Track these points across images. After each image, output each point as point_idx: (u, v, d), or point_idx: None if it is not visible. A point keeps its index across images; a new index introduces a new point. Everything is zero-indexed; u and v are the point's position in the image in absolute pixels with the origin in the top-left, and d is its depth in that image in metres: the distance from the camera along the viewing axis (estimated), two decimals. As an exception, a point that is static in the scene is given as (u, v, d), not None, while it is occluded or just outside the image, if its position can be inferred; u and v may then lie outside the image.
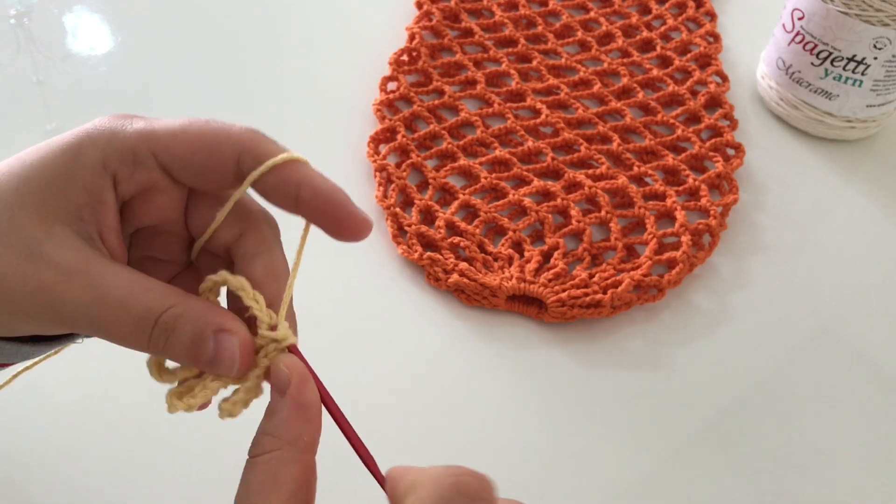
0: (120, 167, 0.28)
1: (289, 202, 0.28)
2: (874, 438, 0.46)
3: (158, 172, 0.28)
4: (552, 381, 0.47)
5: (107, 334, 0.27)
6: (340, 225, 0.28)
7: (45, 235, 0.27)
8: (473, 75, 0.63)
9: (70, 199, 0.27)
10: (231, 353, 0.27)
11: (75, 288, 0.26)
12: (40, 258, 0.26)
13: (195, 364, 0.27)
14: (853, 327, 0.52)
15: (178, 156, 0.28)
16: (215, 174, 0.28)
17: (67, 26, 0.67)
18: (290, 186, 0.28)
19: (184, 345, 0.27)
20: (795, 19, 0.60)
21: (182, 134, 0.28)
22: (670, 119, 0.61)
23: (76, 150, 0.28)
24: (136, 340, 0.27)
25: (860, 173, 0.62)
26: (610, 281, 0.50)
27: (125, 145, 0.28)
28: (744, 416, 0.47)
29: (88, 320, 0.26)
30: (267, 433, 0.27)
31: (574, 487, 0.43)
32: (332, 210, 0.28)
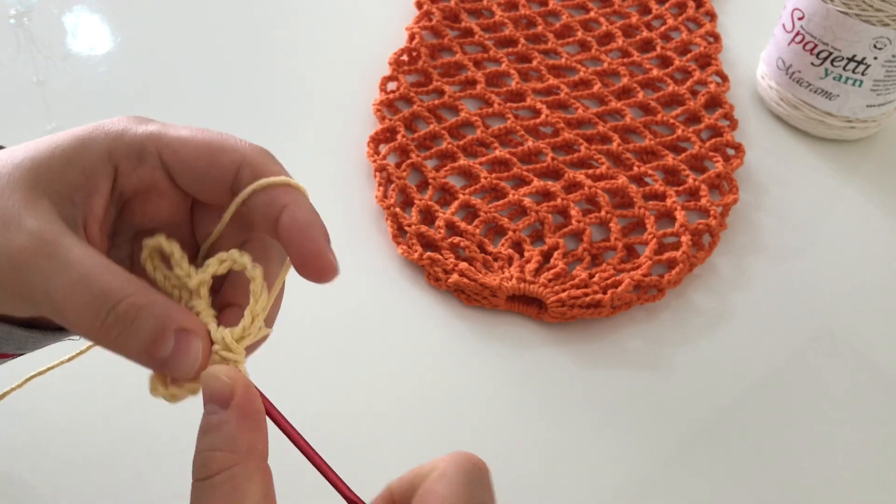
0: (124, 160, 0.28)
1: (267, 223, 0.28)
2: (874, 438, 0.46)
3: (161, 173, 0.28)
4: (552, 381, 0.47)
5: (60, 314, 0.26)
6: (306, 261, 0.27)
7: (29, 205, 0.26)
8: (473, 75, 0.63)
9: (66, 180, 0.27)
10: (194, 354, 0.26)
11: (40, 255, 0.25)
12: (17, 226, 0.26)
13: (145, 361, 0.26)
14: (853, 327, 0.52)
15: (181, 158, 0.28)
16: (213, 183, 0.28)
17: (67, 26, 0.67)
18: (274, 208, 0.27)
19: (141, 339, 0.25)
20: (795, 19, 0.60)
21: (190, 140, 0.28)
22: (670, 119, 0.61)
23: (85, 137, 0.28)
24: (89, 324, 0.25)
25: (860, 173, 0.62)
26: (610, 281, 0.50)
27: (133, 140, 0.28)
28: (744, 416, 0.47)
29: (45, 294, 0.25)
30: (217, 448, 0.25)
31: (574, 487, 0.43)
32: (303, 244, 0.27)
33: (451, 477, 0.26)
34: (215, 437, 0.25)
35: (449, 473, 0.26)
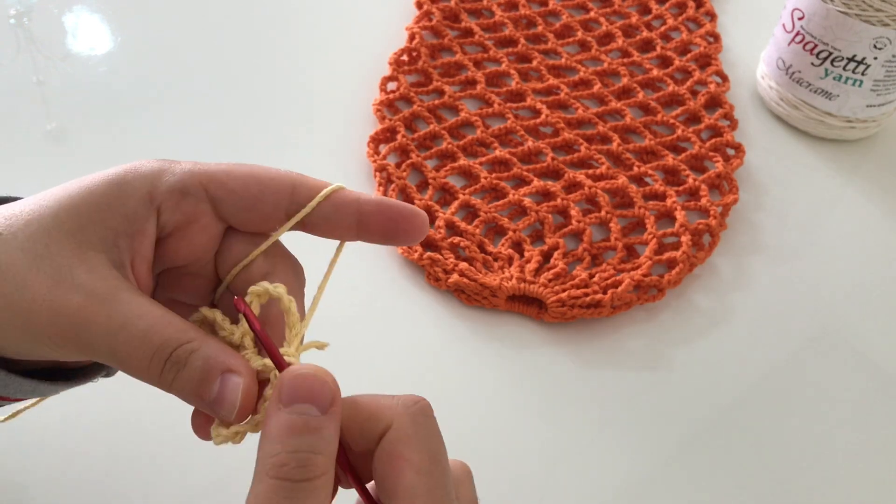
0: (167, 199, 0.29)
1: (348, 223, 0.29)
2: (874, 438, 0.46)
3: (205, 206, 0.29)
4: (552, 381, 0.47)
5: (123, 364, 0.27)
6: (407, 223, 0.29)
7: (77, 261, 0.27)
8: (473, 75, 0.63)
9: (109, 226, 0.28)
10: (233, 396, 0.27)
11: (100, 314, 0.26)
12: (70, 282, 0.27)
13: (198, 403, 0.27)
14: (853, 327, 0.52)
15: (232, 188, 0.29)
16: (268, 207, 0.29)
17: (67, 26, 0.67)
18: (349, 207, 0.29)
19: (191, 381, 0.27)
20: (795, 19, 0.60)
21: (234, 170, 0.29)
22: (670, 119, 0.61)
23: (121, 181, 0.28)
24: (150, 373, 0.27)
25: (860, 173, 0.62)
26: (610, 281, 0.50)
27: (174, 178, 0.29)
28: (744, 415, 0.47)
29: (108, 348, 0.27)
30: (319, 452, 0.25)
31: (574, 487, 0.43)
32: (397, 216, 0.29)
33: (414, 439, 0.27)
34: (315, 440, 0.25)
35: (411, 436, 0.27)
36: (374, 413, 0.27)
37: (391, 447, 0.27)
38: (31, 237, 0.27)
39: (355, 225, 0.29)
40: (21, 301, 0.26)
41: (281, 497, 0.24)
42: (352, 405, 0.27)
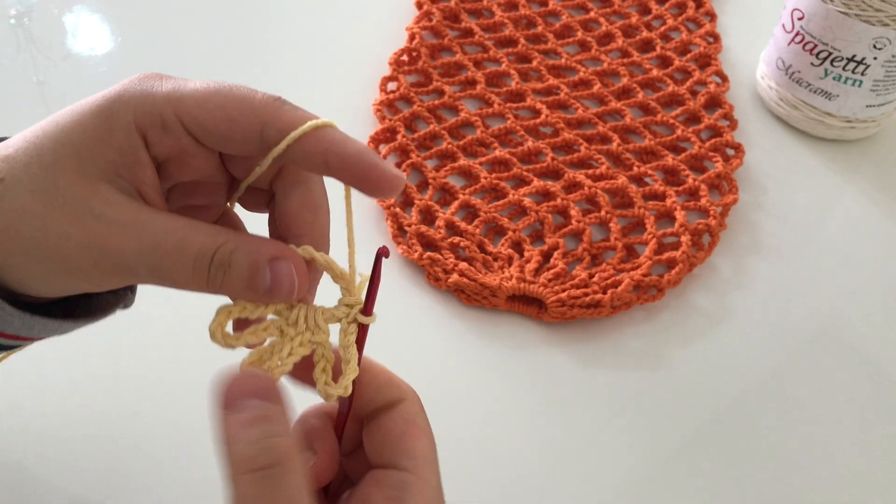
0: (150, 130, 0.28)
1: (319, 169, 0.29)
2: (874, 438, 0.46)
3: (187, 138, 0.29)
4: (552, 381, 0.47)
5: (166, 279, 0.27)
6: (375, 184, 0.28)
7: (89, 194, 0.27)
8: (473, 75, 0.63)
9: (106, 160, 0.28)
10: (289, 277, 0.27)
11: (129, 239, 0.27)
12: (89, 214, 0.27)
13: (254, 296, 0.28)
14: (853, 327, 0.52)
15: (202, 124, 0.28)
16: (239, 144, 0.29)
17: (67, 26, 0.67)
18: (316, 156, 0.28)
19: (241, 277, 0.27)
20: (795, 19, 0.60)
21: (207, 102, 0.28)
22: (670, 119, 0.61)
23: (108, 111, 0.28)
24: (197, 281, 0.27)
25: (860, 173, 0.62)
26: (610, 281, 0.50)
27: (154, 109, 0.28)
28: (744, 416, 0.47)
29: (147, 268, 0.27)
30: (278, 436, 0.26)
31: (574, 487, 0.43)
32: (361, 172, 0.28)
33: (424, 413, 0.30)
34: (271, 426, 0.26)
35: (423, 410, 0.30)
36: (392, 381, 0.30)
37: (409, 416, 0.30)
38: (36, 178, 0.27)
39: (324, 170, 0.29)
40: (46, 242, 0.27)
41: (260, 489, 0.25)
42: (371, 368, 0.30)
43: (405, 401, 0.30)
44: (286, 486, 0.25)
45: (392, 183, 0.28)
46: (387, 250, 0.30)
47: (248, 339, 0.29)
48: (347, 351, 0.29)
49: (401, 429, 0.29)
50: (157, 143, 0.29)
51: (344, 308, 0.30)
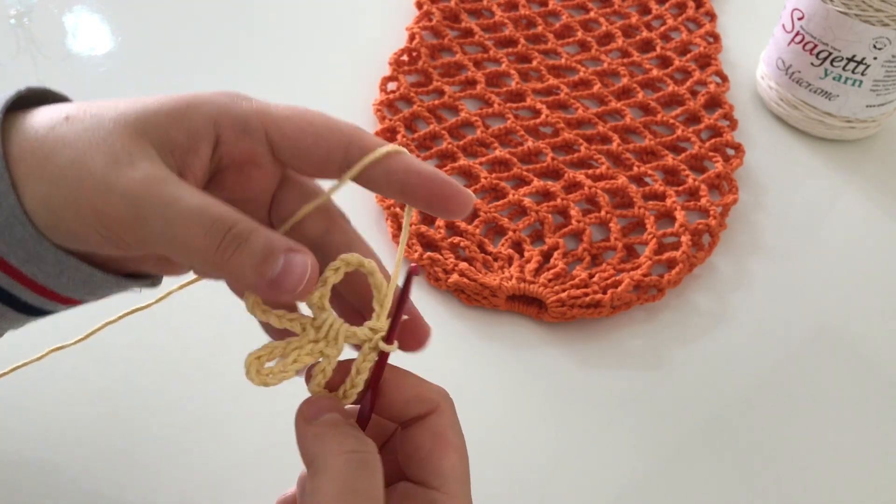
0: (228, 130, 0.29)
1: (394, 189, 0.30)
2: (874, 438, 0.46)
3: (264, 146, 0.29)
4: (552, 381, 0.47)
5: (177, 239, 0.27)
6: (449, 203, 0.29)
7: (136, 149, 0.27)
8: (473, 75, 0.63)
9: (169, 136, 0.28)
10: (301, 271, 0.27)
11: (156, 191, 0.27)
12: (128, 163, 0.27)
13: (257, 280, 0.27)
14: (853, 327, 0.52)
15: (288, 135, 0.29)
16: (321, 158, 0.30)
17: (67, 26, 0.67)
18: (397, 174, 0.29)
19: (253, 256, 0.27)
20: (795, 19, 0.60)
21: (295, 117, 0.30)
22: (670, 119, 0.61)
23: (191, 101, 0.29)
24: (205, 247, 0.27)
25: (860, 173, 0.62)
26: (610, 281, 0.50)
27: (239, 113, 0.29)
28: (744, 416, 0.47)
29: (162, 220, 0.26)
30: (363, 438, 0.28)
31: (574, 487, 0.43)
32: (439, 190, 0.29)
33: (457, 426, 0.30)
34: (352, 428, 0.29)
35: (455, 423, 0.30)
36: (420, 395, 0.30)
37: (438, 428, 0.30)
38: (97, 121, 0.28)
39: (400, 193, 0.30)
40: (74, 175, 0.27)
41: (356, 468, 0.27)
42: (399, 381, 0.30)
43: (436, 412, 0.30)
44: (376, 470, 0.27)
45: (466, 202, 0.30)
46: (417, 269, 0.30)
47: (272, 318, 0.29)
48: (358, 374, 0.30)
49: (430, 444, 0.29)
50: (229, 143, 0.29)
51: (368, 331, 0.30)
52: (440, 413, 0.30)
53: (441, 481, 0.29)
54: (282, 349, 0.29)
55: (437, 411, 0.30)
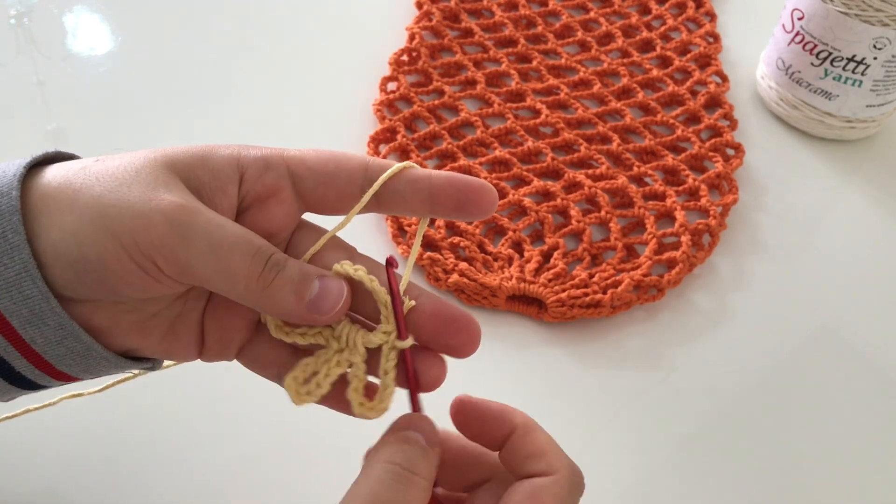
0: (251, 168, 0.30)
1: (422, 198, 0.30)
2: (874, 438, 0.46)
3: (286, 180, 0.31)
4: (552, 381, 0.47)
5: (221, 263, 0.28)
6: (480, 200, 0.30)
7: (170, 179, 0.28)
8: (473, 75, 0.63)
9: (196, 175, 0.29)
10: (338, 294, 0.29)
11: (198, 215, 0.28)
12: (165, 190, 0.28)
13: (296, 303, 0.28)
14: (853, 327, 0.52)
15: (310, 165, 0.31)
16: (345, 180, 0.31)
17: (67, 26, 0.67)
18: (421, 182, 0.30)
19: (291, 281, 0.28)
20: (795, 19, 0.60)
21: (312, 151, 0.31)
22: (670, 119, 0.61)
23: (209, 147, 0.30)
24: (250, 271, 0.28)
25: (860, 173, 0.62)
26: (610, 281, 0.50)
27: (258, 153, 0.31)
28: (744, 415, 0.47)
29: (207, 244, 0.27)
30: (422, 461, 0.29)
31: (574, 487, 0.43)
32: (466, 191, 0.30)
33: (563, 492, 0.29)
34: (421, 455, 0.29)
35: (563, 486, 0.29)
36: (542, 454, 0.30)
37: (538, 489, 0.29)
38: (129, 159, 0.29)
39: (427, 199, 0.30)
40: (111, 200, 0.27)
41: (392, 479, 0.28)
42: (527, 436, 0.31)
43: (547, 477, 0.29)
44: (414, 488, 0.28)
45: (493, 198, 0.30)
46: (393, 259, 0.31)
47: (297, 338, 0.31)
48: (387, 376, 0.31)
49: (519, 499, 0.29)
50: (252, 180, 0.30)
51: (382, 335, 0.31)
52: (553, 481, 0.29)
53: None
54: (314, 364, 0.30)
55: (552, 478, 0.29)
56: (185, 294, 0.31)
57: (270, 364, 0.32)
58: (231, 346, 0.32)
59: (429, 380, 0.32)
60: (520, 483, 0.30)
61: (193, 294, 0.32)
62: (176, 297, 0.31)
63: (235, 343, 0.32)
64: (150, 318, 0.30)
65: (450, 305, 0.31)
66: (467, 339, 0.31)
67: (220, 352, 0.32)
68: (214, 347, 0.32)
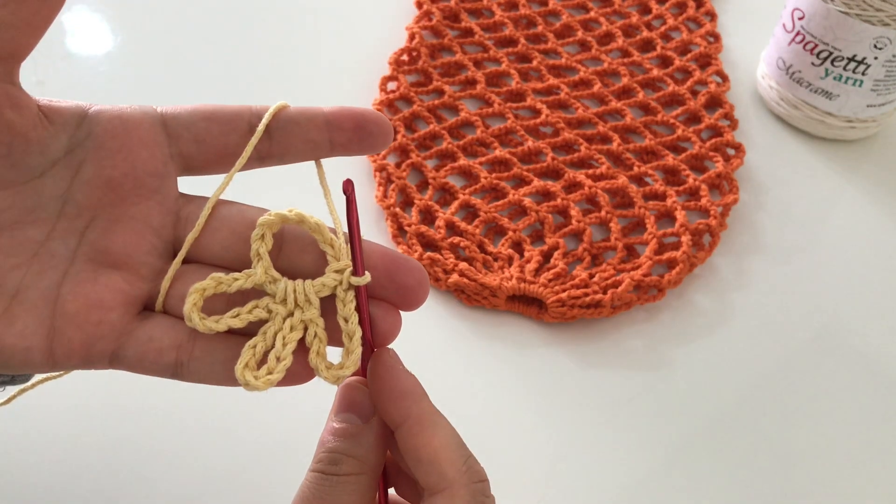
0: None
1: (317, 124, 0.29)
2: (874, 438, 0.46)
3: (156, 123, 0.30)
4: (552, 381, 0.47)
5: None
6: (376, 123, 0.30)
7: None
8: (473, 75, 0.63)
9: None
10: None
11: None
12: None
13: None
14: (853, 327, 0.52)
15: (185, 109, 0.30)
16: (227, 120, 0.29)
17: (67, 26, 0.67)
18: (315, 112, 0.29)
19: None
20: (796, 19, 0.60)
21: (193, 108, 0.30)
22: (670, 119, 0.61)
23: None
24: None
25: (860, 173, 0.62)
26: (610, 281, 0.50)
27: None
28: (744, 415, 0.47)
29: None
30: (350, 455, 0.27)
31: (574, 488, 0.43)
32: (360, 115, 0.30)
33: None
34: (351, 444, 0.27)
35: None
36: (435, 465, 0.27)
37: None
38: None
39: (325, 126, 0.29)
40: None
41: (315, 485, 0.27)
42: (428, 432, 0.27)
43: (437, 496, 0.26)
44: (336, 494, 0.26)
45: (386, 124, 0.30)
46: (351, 182, 0.28)
47: (231, 322, 0.27)
48: (349, 322, 0.27)
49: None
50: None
51: (334, 275, 0.27)
52: (450, 497, 0.26)
53: None
54: (262, 341, 0.27)
55: (444, 495, 0.26)
56: (32, 254, 0.27)
57: (166, 350, 0.27)
58: (99, 336, 0.26)
59: (385, 329, 0.28)
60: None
61: (45, 253, 0.27)
62: (20, 257, 0.26)
63: (105, 331, 0.27)
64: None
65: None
66: (421, 277, 0.28)
67: (82, 346, 0.26)
68: (72, 338, 0.26)
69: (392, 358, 0.29)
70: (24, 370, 0.27)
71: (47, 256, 0.27)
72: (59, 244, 0.27)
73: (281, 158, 0.29)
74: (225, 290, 0.27)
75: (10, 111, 0.27)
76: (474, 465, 0.27)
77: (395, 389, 0.28)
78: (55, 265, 0.27)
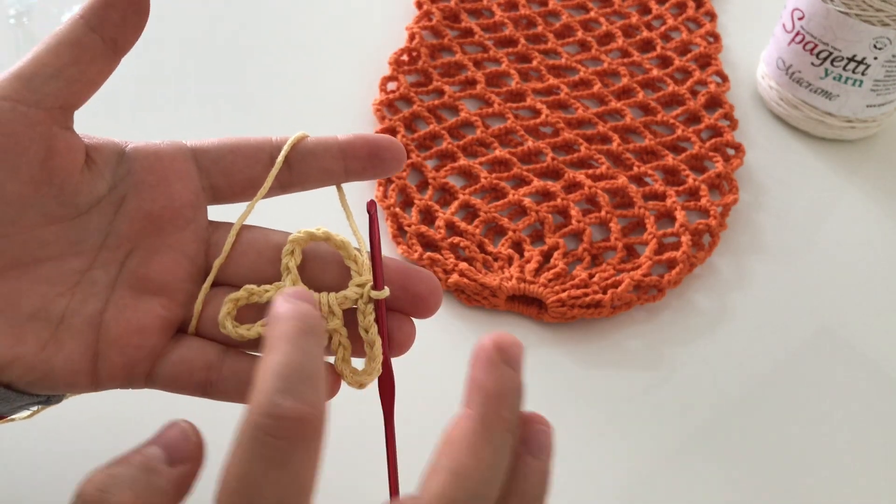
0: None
1: (333, 154, 0.30)
2: (874, 438, 0.46)
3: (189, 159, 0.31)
4: (552, 381, 0.47)
5: None
6: (389, 148, 0.30)
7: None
8: (473, 75, 0.63)
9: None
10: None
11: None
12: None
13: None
14: (853, 327, 0.52)
15: (211, 145, 0.31)
16: (251, 153, 0.31)
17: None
18: (330, 146, 0.30)
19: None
20: (795, 19, 0.60)
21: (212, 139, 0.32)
22: (670, 119, 0.61)
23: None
24: None
25: (860, 173, 0.62)
26: (610, 281, 0.50)
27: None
28: (744, 416, 0.47)
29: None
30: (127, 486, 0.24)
31: (574, 488, 0.43)
32: (374, 141, 0.30)
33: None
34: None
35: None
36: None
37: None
38: None
39: (340, 154, 0.30)
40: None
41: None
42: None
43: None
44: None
45: (399, 147, 0.31)
46: (374, 203, 0.31)
47: (261, 330, 0.28)
48: (370, 333, 0.29)
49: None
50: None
51: (355, 289, 0.29)
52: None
53: None
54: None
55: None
56: (75, 282, 0.28)
57: (197, 370, 0.29)
58: (139, 358, 0.28)
59: (401, 339, 0.30)
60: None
61: (87, 282, 0.28)
62: (64, 286, 0.28)
63: (145, 354, 0.28)
64: (28, 321, 0.27)
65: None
66: (433, 286, 0.30)
67: (124, 368, 0.28)
68: (114, 362, 0.28)
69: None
70: (68, 392, 0.28)
71: (89, 284, 0.29)
72: (100, 273, 0.29)
73: (301, 186, 0.31)
74: (257, 300, 0.29)
75: (64, 155, 0.28)
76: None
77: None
78: (96, 292, 0.29)
